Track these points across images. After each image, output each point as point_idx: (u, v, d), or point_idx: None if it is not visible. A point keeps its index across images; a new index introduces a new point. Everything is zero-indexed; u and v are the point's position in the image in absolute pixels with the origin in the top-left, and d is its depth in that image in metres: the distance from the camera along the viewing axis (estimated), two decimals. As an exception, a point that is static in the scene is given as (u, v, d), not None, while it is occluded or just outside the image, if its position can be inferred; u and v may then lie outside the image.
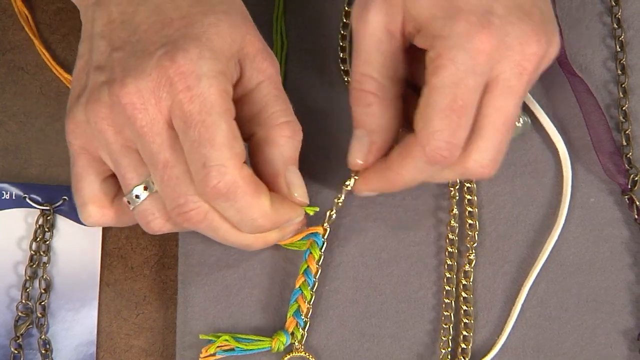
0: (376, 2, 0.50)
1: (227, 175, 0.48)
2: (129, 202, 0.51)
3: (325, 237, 0.56)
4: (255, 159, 0.53)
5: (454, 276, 0.58)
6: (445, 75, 0.48)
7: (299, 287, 0.56)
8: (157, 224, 0.52)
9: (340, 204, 0.55)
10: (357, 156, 0.52)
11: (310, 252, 0.56)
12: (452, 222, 0.59)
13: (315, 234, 0.56)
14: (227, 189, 0.49)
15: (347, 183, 0.54)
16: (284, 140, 0.52)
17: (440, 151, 0.49)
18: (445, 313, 0.58)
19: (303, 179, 0.53)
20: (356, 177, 0.54)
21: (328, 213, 0.56)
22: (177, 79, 0.48)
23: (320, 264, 0.56)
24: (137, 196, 0.51)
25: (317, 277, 0.57)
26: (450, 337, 0.58)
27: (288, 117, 0.52)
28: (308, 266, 0.56)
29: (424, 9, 0.49)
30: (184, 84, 0.48)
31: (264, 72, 0.52)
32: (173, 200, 0.50)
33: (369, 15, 0.51)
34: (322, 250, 0.56)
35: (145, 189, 0.51)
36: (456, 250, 0.59)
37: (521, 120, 0.56)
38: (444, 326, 0.58)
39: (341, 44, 0.61)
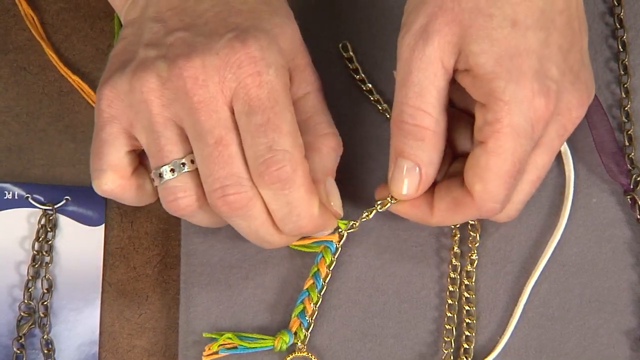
0: (436, 37, 0.50)
1: (291, 161, 0.49)
2: (160, 175, 0.50)
3: (340, 244, 0.57)
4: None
5: (458, 276, 0.58)
6: (507, 140, 0.49)
7: (307, 289, 0.57)
8: (184, 202, 0.51)
9: (364, 219, 0.55)
10: (406, 188, 0.52)
11: (322, 256, 0.56)
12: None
13: (328, 242, 0.56)
14: (288, 176, 0.49)
15: (379, 203, 0.54)
16: (328, 151, 0.53)
17: (494, 212, 0.51)
18: (449, 314, 0.58)
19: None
20: (393, 202, 0.54)
21: (351, 223, 0.56)
22: (246, 62, 0.48)
23: (331, 269, 0.57)
24: (171, 170, 0.50)
25: (326, 282, 0.57)
26: (452, 338, 0.58)
27: (333, 129, 0.53)
28: (318, 269, 0.57)
29: (488, 62, 0.49)
30: (254, 68, 0.48)
31: (312, 84, 0.53)
32: (219, 180, 0.49)
33: (428, 49, 0.50)
34: (336, 257, 0.57)
35: (183, 165, 0.50)
36: (459, 251, 0.59)
37: None
38: (447, 326, 0.58)
39: (345, 54, 0.61)
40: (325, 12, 0.62)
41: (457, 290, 0.58)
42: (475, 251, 0.59)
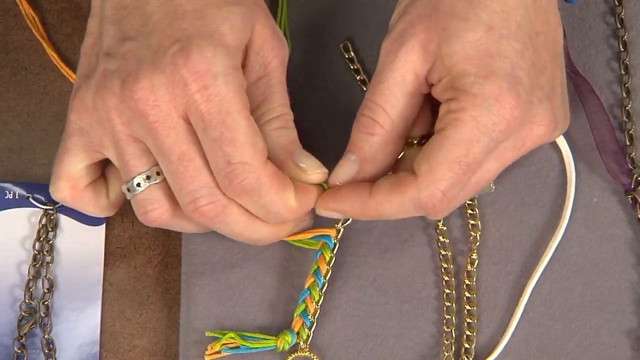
0: (410, 41, 0.50)
1: (252, 172, 0.49)
2: (128, 190, 0.51)
3: (338, 238, 0.56)
4: None
5: (453, 279, 0.58)
6: (465, 129, 0.48)
7: (308, 287, 0.56)
8: (155, 215, 0.52)
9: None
10: (341, 178, 0.52)
11: (322, 253, 0.56)
12: (440, 225, 0.59)
13: (326, 236, 0.56)
14: (252, 187, 0.49)
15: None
16: (277, 133, 0.52)
17: (434, 200, 0.49)
18: (447, 316, 0.58)
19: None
20: (326, 187, 0.53)
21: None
22: (191, 79, 0.48)
23: (331, 265, 0.57)
24: (138, 184, 0.51)
25: (326, 279, 0.57)
26: (452, 339, 0.58)
27: (279, 112, 0.52)
28: (318, 267, 0.56)
29: (460, 62, 0.49)
30: (200, 83, 0.48)
31: (267, 67, 0.52)
32: (190, 193, 0.50)
33: (401, 52, 0.50)
34: (334, 252, 0.56)
35: (148, 178, 0.51)
36: (450, 253, 0.59)
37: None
38: (446, 328, 0.58)
39: (344, 53, 0.61)
40: (326, 12, 0.62)
41: (455, 291, 0.58)
42: (476, 251, 0.58)
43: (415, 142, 0.53)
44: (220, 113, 0.48)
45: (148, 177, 0.51)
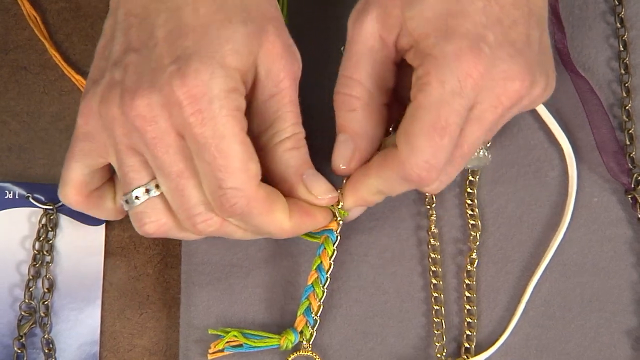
0: (374, 9, 0.51)
1: (242, 198, 0.49)
2: (126, 202, 0.52)
3: (338, 231, 0.56)
4: (271, 169, 0.52)
5: (440, 281, 0.58)
6: (432, 94, 0.48)
7: (311, 283, 0.56)
8: (152, 227, 0.52)
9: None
10: (341, 161, 0.53)
11: (324, 248, 0.56)
12: (433, 227, 0.59)
13: (329, 230, 0.56)
14: (242, 210, 0.49)
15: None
16: (289, 154, 0.52)
17: (419, 170, 0.49)
18: (436, 320, 0.58)
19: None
20: (344, 181, 0.53)
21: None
22: (186, 102, 0.47)
23: (332, 260, 0.56)
24: (136, 197, 0.51)
25: (329, 274, 0.56)
26: (447, 339, 0.58)
27: (290, 132, 0.52)
28: (321, 262, 0.56)
29: (420, 25, 0.49)
30: (195, 107, 0.48)
31: (278, 85, 0.51)
32: (187, 210, 0.50)
33: (365, 20, 0.51)
34: (335, 246, 0.56)
35: (147, 191, 0.51)
36: (439, 256, 0.59)
37: (482, 152, 0.56)
38: (435, 331, 0.58)
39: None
40: (327, 13, 0.62)
41: (442, 296, 0.58)
42: (476, 250, 0.58)
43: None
44: (214, 137, 0.48)
45: (147, 190, 0.51)
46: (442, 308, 0.58)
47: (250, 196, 0.49)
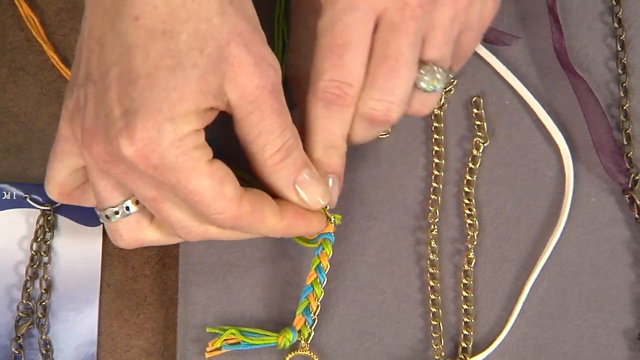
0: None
1: (227, 219, 0.49)
2: (107, 217, 0.52)
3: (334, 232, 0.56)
4: (265, 176, 0.52)
5: (437, 284, 0.58)
6: (325, 17, 0.49)
7: (311, 283, 0.55)
8: (124, 244, 0.52)
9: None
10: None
11: (323, 248, 0.56)
12: (431, 228, 0.59)
13: (326, 234, 0.56)
14: (231, 225, 0.50)
15: None
16: (279, 167, 0.51)
17: (330, 89, 0.50)
18: (433, 321, 0.58)
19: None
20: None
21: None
22: (138, 160, 0.47)
23: (329, 259, 0.56)
24: (107, 216, 0.52)
25: (326, 274, 0.56)
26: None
27: (279, 144, 0.50)
28: (320, 262, 0.55)
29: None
30: (148, 164, 0.47)
31: (254, 102, 0.49)
32: (170, 224, 0.51)
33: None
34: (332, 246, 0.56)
35: (117, 213, 0.51)
36: (437, 257, 0.59)
37: (439, 71, 0.52)
38: (433, 332, 0.58)
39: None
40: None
41: (439, 298, 0.58)
42: (473, 250, 0.58)
43: None
44: (179, 182, 0.47)
45: (117, 212, 0.51)
46: (440, 310, 0.58)
47: (235, 215, 0.49)
